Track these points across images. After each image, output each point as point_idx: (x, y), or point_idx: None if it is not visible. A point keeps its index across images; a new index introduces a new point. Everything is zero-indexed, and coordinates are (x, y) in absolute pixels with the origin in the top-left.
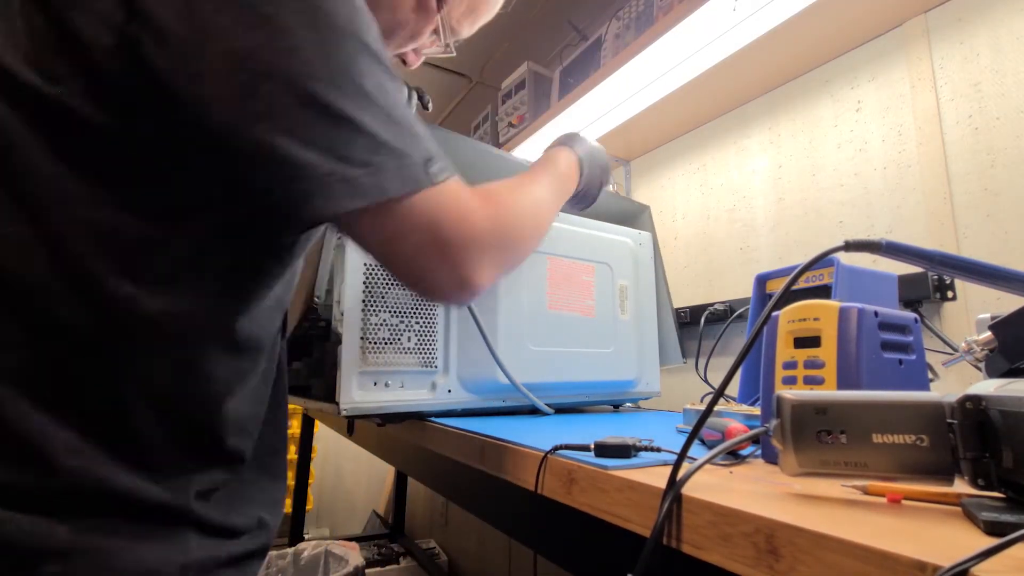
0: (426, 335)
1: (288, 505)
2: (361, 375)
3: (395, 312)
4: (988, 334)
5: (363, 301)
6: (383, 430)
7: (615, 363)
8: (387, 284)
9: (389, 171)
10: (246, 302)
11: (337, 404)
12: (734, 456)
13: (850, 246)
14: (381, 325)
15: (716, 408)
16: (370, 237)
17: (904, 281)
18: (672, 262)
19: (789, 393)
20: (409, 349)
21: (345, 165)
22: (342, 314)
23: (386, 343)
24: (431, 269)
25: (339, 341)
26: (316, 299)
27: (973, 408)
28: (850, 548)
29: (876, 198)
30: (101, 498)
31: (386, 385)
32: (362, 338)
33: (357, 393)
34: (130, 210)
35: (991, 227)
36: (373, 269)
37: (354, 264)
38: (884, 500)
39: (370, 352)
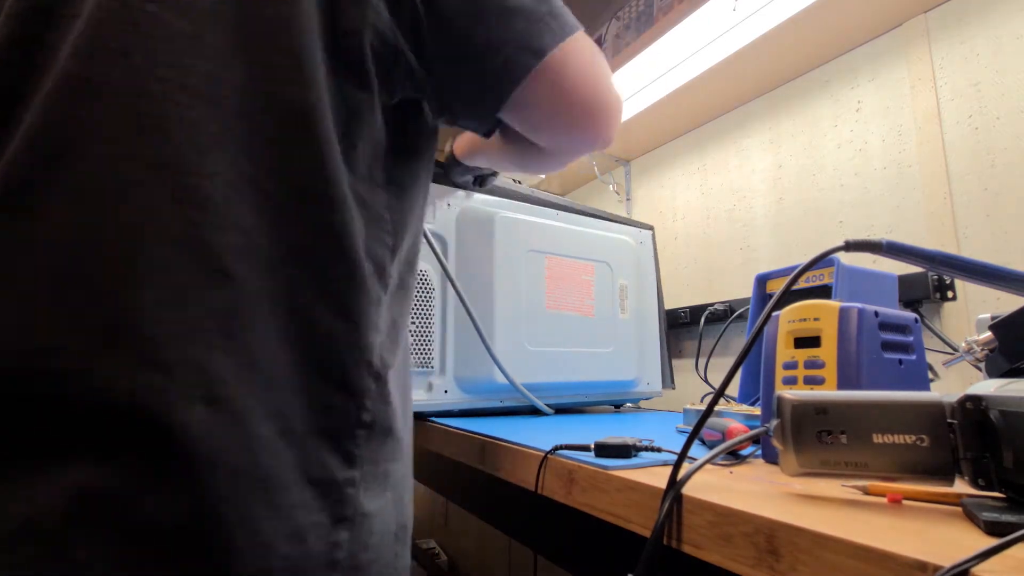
0: (422, 335)
1: None
2: None
3: None
4: (988, 334)
5: None
6: None
7: (615, 363)
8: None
9: (564, 15)
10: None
11: None
12: (734, 456)
13: (850, 246)
14: None
15: (716, 408)
16: (555, 74)
17: (904, 281)
18: (672, 262)
19: (789, 393)
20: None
21: (545, 9)
22: None
23: None
24: (596, 86)
25: None
26: None
27: (973, 408)
28: (850, 548)
29: (876, 198)
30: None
31: None
32: None
33: None
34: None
35: (991, 227)
36: None
37: None
38: (884, 500)
39: None
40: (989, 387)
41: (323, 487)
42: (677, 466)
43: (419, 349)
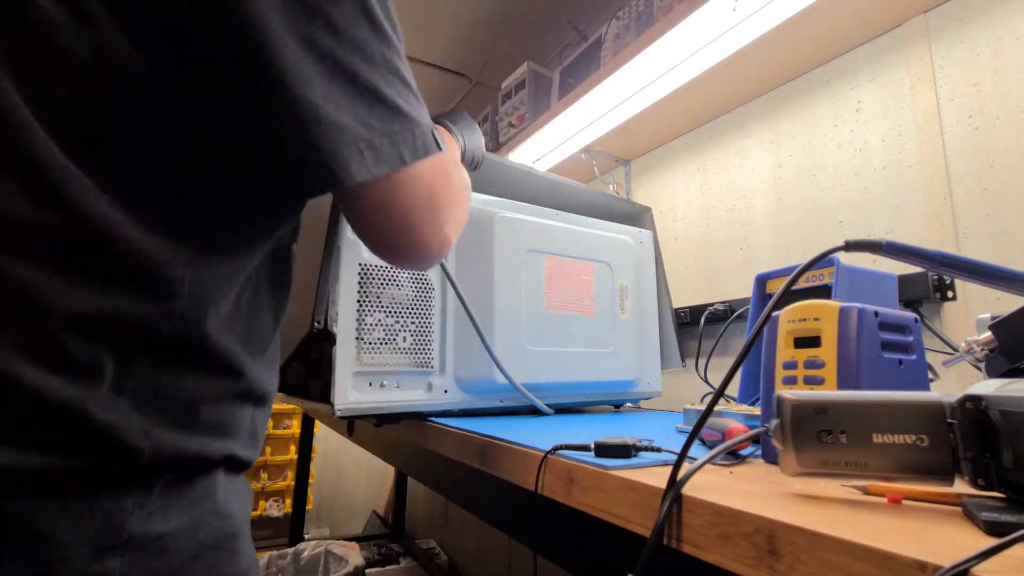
0: (422, 335)
1: (288, 505)
2: (356, 375)
3: (390, 312)
4: (988, 334)
5: (358, 301)
6: (383, 430)
7: (615, 363)
8: (383, 283)
9: (407, 139)
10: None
11: (331, 404)
12: (734, 456)
13: (850, 246)
14: (376, 325)
15: (716, 408)
16: (373, 203)
17: (904, 281)
18: (672, 262)
19: (789, 393)
20: (405, 349)
21: (371, 133)
22: (337, 314)
23: (381, 343)
24: (419, 230)
25: (334, 341)
26: (316, 324)
27: (973, 408)
28: (850, 548)
29: (876, 198)
30: None
31: (381, 385)
32: (357, 338)
33: (352, 393)
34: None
35: (991, 227)
36: (369, 268)
37: (349, 263)
38: (884, 500)
39: (365, 352)
40: (989, 387)
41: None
42: (677, 466)
43: (419, 349)
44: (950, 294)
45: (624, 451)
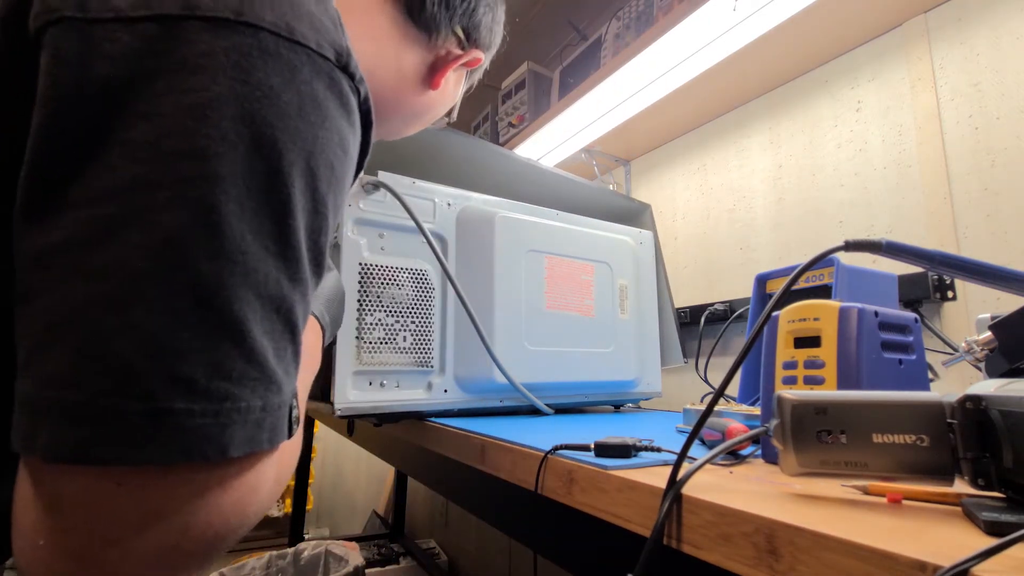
0: (422, 335)
1: (288, 505)
2: (356, 375)
3: (390, 311)
4: (988, 334)
5: (358, 300)
6: (383, 430)
7: (615, 363)
8: (383, 283)
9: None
10: None
11: (331, 404)
12: (734, 456)
13: (850, 246)
14: (376, 324)
15: (716, 408)
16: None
17: (904, 281)
18: (672, 262)
19: (789, 393)
20: (405, 349)
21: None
22: None
23: (381, 343)
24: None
25: (334, 341)
26: None
27: (973, 408)
28: (850, 548)
29: (876, 198)
30: None
31: (381, 385)
32: (357, 337)
33: (352, 393)
34: None
35: (991, 227)
36: (369, 267)
37: (349, 262)
38: (884, 500)
39: (365, 352)
40: (989, 387)
41: None
42: (677, 466)
43: (419, 349)
44: (950, 294)
45: (624, 451)
